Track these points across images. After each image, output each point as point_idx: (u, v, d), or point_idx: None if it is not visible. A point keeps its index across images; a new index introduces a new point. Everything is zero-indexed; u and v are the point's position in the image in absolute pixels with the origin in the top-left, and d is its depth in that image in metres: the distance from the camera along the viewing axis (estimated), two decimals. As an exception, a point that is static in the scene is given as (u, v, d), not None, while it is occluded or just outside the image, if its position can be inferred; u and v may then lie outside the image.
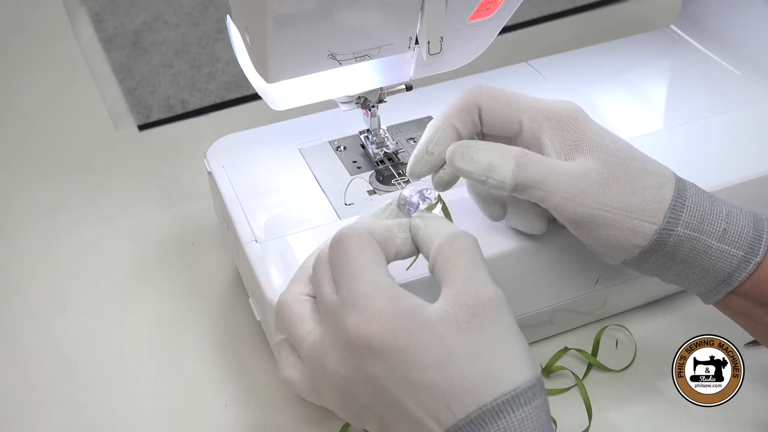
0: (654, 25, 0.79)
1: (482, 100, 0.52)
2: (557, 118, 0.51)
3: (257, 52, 0.52)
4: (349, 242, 0.45)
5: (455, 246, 0.45)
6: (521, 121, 0.52)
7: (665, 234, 0.49)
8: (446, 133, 0.52)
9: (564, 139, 0.51)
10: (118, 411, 0.60)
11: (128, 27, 1.00)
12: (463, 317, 0.42)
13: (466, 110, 0.52)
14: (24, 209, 0.78)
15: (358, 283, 0.43)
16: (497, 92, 0.52)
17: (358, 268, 0.44)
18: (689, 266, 0.50)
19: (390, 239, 0.47)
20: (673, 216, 0.49)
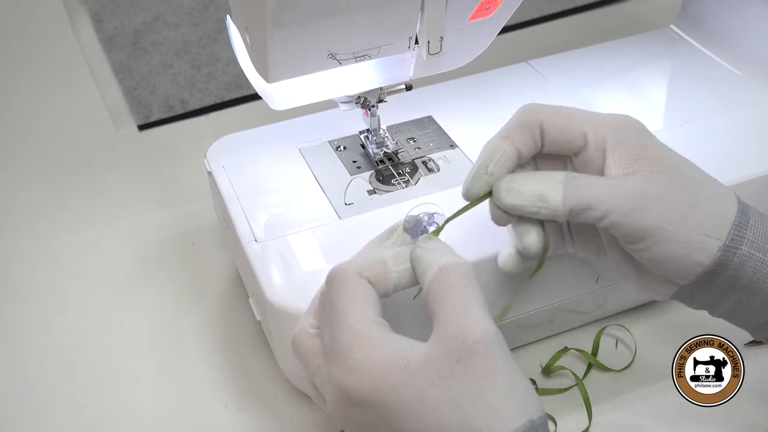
0: (654, 25, 0.79)
1: (544, 117, 0.49)
2: (619, 131, 0.49)
3: (257, 52, 0.52)
4: (335, 285, 0.44)
5: (444, 281, 0.43)
6: (585, 135, 0.49)
7: (729, 252, 0.46)
8: (507, 154, 0.48)
9: (625, 153, 0.48)
10: (118, 411, 0.60)
11: (128, 27, 1.00)
12: (445, 364, 0.41)
13: (527, 128, 0.49)
14: (24, 209, 0.78)
15: (340, 332, 0.43)
16: (556, 108, 0.50)
17: (342, 313, 0.43)
18: (750, 293, 0.47)
19: (384, 275, 0.45)
20: (738, 234, 0.46)
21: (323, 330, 0.45)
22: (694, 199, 0.47)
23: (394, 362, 0.41)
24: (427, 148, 0.64)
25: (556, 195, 0.47)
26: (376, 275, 0.45)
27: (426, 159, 0.63)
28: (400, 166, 0.63)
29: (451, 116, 0.67)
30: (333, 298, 0.44)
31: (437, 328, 0.42)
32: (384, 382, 0.41)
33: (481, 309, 0.42)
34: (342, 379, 0.42)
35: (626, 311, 0.64)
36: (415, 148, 0.64)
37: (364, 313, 0.43)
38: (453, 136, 0.65)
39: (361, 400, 0.42)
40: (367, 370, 0.41)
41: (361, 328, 0.42)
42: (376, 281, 0.45)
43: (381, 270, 0.45)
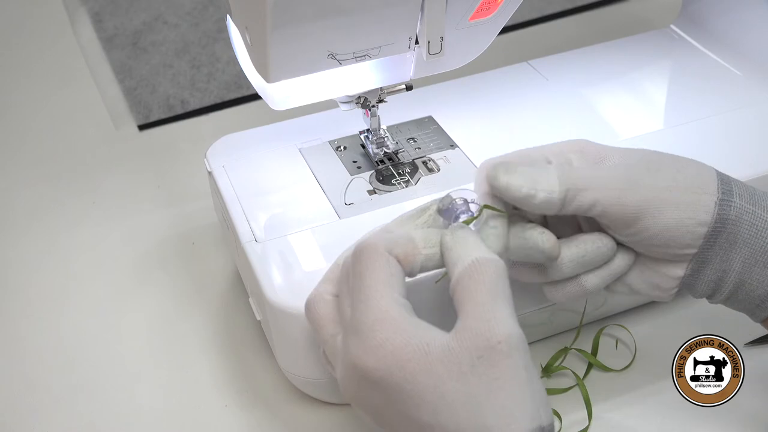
0: (654, 25, 0.79)
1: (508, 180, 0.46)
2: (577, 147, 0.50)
3: (257, 52, 0.52)
4: (363, 259, 0.43)
5: (475, 276, 0.42)
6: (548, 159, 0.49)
7: (725, 205, 0.47)
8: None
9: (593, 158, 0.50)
10: (118, 411, 0.60)
11: (128, 27, 1.00)
12: (467, 359, 0.40)
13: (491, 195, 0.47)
14: (24, 209, 0.78)
15: (364, 308, 0.42)
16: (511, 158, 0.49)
17: (367, 290, 0.42)
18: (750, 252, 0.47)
19: (413, 255, 0.45)
20: (726, 188, 0.47)
21: (343, 301, 0.44)
22: (677, 165, 0.48)
23: (415, 348, 0.41)
24: (427, 148, 0.64)
25: (552, 177, 0.46)
26: (405, 254, 0.44)
27: (426, 159, 0.63)
28: (400, 166, 0.63)
29: (451, 116, 0.67)
30: (360, 273, 0.43)
31: (463, 322, 0.41)
32: (403, 366, 0.40)
33: (509, 310, 0.42)
34: (360, 356, 0.41)
35: (626, 311, 0.63)
36: (415, 148, 0.64)
37: (391, 292, 0.42)
38: (453, 136, 0.65)
39: (377, 381, 0.41)
40: (389, 352, 0.41)
41: (387, 308, 0.42)
42: (404, 260, 0.44)
43: (410, 249, 0.45)
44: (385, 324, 0.41)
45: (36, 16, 1.05)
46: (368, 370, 0.41)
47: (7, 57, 0.99)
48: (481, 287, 0.42)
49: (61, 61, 0.97)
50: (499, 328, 0.41)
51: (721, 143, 0.63)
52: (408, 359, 0.40)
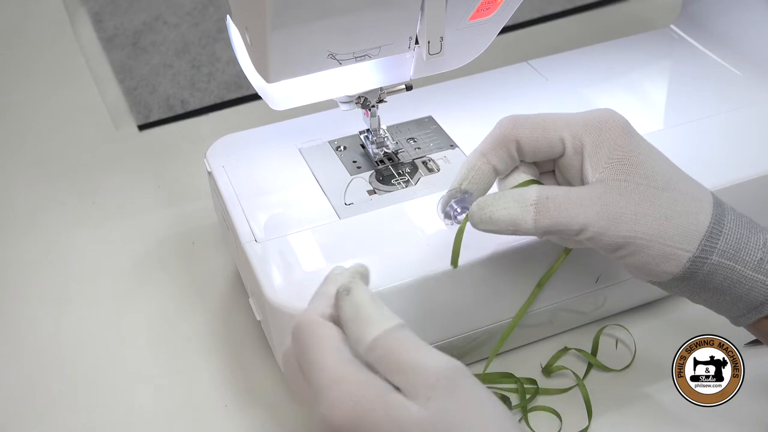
0: (654, 25, 0.79)
1: (519, 132, 0.50)
2: (597, 132, 0.49)
3: (257, 52, 0.52)
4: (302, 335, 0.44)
5: (382, 352, 0.42)
6: (563, 140, 0.50)
7: (699, 262, 0.47)
8: (482, 171, 0.50)
9: (602, 156, 0.49)
10: (118, 411, 0.60)
11: (128, 27, 1.00)
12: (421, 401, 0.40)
13: (502, 145, 0.50)
14: (24, 209, 0.78)
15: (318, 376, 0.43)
16: (531, 119, 0.50)
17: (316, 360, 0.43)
18: (720, 293, 0.49)
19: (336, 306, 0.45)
20: (709, 244, 0.47)
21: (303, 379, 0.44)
22: (668, 212, 0.47)
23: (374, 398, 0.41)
24: (427, 148, 0.64)
25: (527, 218, 0.47)
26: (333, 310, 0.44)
27: (426, 159, 0.63)
28: (400, 166, 0.63)
29: (451, 116, 0.67)
30: (304, 348, 0.44)
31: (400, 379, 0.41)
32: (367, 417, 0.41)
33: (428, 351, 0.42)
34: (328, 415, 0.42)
35: (626, 311, 0.64)
36: (415, 148, 0.64)
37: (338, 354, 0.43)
38: (453, 136, 0.65)
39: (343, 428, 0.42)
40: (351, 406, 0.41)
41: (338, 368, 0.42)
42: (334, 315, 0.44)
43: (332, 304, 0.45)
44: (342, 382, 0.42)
45: (36, 16, 1.05)
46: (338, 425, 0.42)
47: (7, 57, 0.99)
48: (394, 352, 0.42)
49: (61, 61, 0.97)
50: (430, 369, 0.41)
51: (721, 143, 0.63)
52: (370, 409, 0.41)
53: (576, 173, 0.50)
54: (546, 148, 0.50)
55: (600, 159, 0.48)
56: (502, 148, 0.50)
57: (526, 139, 0.50)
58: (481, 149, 0.51)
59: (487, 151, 0.50)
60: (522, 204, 0.48)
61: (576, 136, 0.49)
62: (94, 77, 0.94)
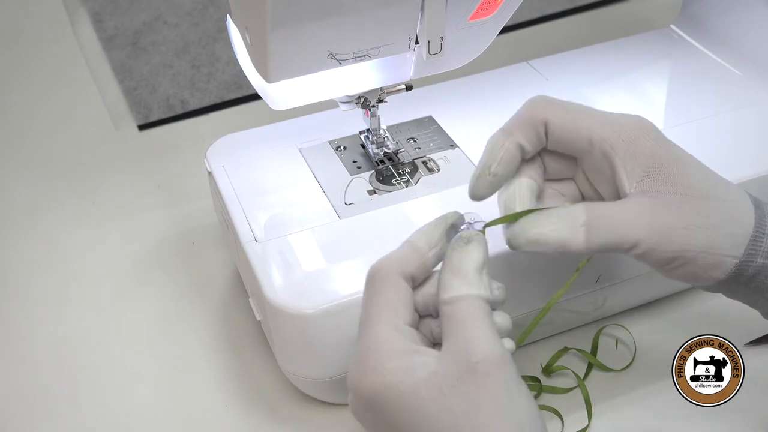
0: (654, 25, 0.79)
1: (549, 114, 0.48)
2: (629, 139, 0.47)
3: (257, 52, 0.52)
4: (373, 285, 0.44)
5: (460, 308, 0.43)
6: (591, 140, 0.47)
7: (744, 266, 0.47)
8: (510, 152, 0.47)
9: (638, 166, 0.47)
10: (118, 411, 0.60)
11: (128, 27, 1.00)
12: (448, 381, 0.41)
13: (531, 125, 0.48)
14: (24, 209, 0.78)
15: (363, 334, 0.43)
16: (565, 105, 0.48)
17: (370, 317, 0.44)
18: (761, 292, 0.48)
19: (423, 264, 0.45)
20: (754, 248, 0.47)
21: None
22: (715, 221, 0.46)
23: (403, 372, 0.42)
24: (427, 148, 0.64)
25: (578, 239, 0.45)
26: (417, 266, 0.45)
27: (426, 159, 0.63)
28: (400, 166, 0.63)
29: (451, 116, 0.67)
30: (368, 299, 0.44)
31: (446, 344, 0.42)
32: (391, 390, 0.41)
33: (490, 330, 0.42)
34: (356, 378, 0.43)
35: (626, 311, 0.63)
36: (415, 148, 0.64)
37: (392, 319, 0.43)
38: (453, 136, 0.65)
39: (369, 402, 0.42)
40: (379, 376, 0.42)
41: (382, 335, 0.43)
42: (417, 272, 0.45)
43: (419, 260, 0.45)
44: (378, 350, 0.42)
45: (36, 16, 1.05)
46: (361, 391, 0.42)
47: (7, 57, 0.99)
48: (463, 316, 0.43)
49: (61, 61, 0.97)
50: (478, 348, 0.41)
51: (721, 143, 0.63)
52: (396, 383, 0.41)
53: (604, 179, 0.48)
54: (572, 140, 0.48)
55: (636, 168, 0.47)
56: (531, 127, 0.48)
57: (555, 123, 0.47)
58: (507, 128, 0.48)
59: (514, 129, 0.48)
60: (571, 224, 0.45)
61: (605, 140, 0.47)
62: (94, 77, 0.94)
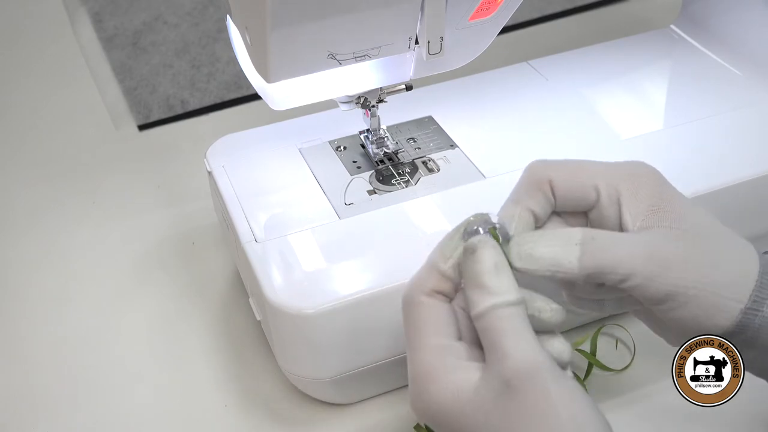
0: (654, 25, 0.79)
1: (551, 173, 0.47)
2: (633, 180, 0.47)
3: (257, 52, 0.52)
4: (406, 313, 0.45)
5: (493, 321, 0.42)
6: (597, 187, 0.47)
7: (750, 315, 0.45)
8: (523, 220, 0.46)
9: (642, 205, 0.46)
10: (118, 411, 0.60)
11: (128, 27, 1.00)
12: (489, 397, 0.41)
13: (536, 187, 0.47)
14: (24, 209, 0.78)
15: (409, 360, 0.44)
16: (562, 162, 0.48)
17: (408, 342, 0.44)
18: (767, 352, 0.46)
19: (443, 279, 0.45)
20: (761, 294, 0.45)
21: None
22: (716, 260, 0.45)
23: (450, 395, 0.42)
24: (427, 148, 0.64)
25: (572, 258, 0.44)
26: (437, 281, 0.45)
27: (426, 159, 0.63)
28: (400, 166, 0.63)
29: (451, 116, 0.67)
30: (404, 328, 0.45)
31: (486, 360, 0.42)
32: (440, 413, 0.43)
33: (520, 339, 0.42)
34: (412, 404, 0.44)
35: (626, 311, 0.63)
36: (415, 148, 0.64)
37: (433, 338, 0.44)
38: (453, 136, 0.65)
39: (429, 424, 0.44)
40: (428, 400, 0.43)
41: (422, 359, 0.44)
42: (441, 286, 0.45)
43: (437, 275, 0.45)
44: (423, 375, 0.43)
45: (36, 16, 1.05)
46: (418, 416, 0.44)
47: (7, 57, 0.99)
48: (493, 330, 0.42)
49: (61, 61, 0.97)
50: (510, 361, 0.41)
51: (721, 143, 0.63)
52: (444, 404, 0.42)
53: (611, 224, 0.47)
54: (578, 195, 0.47)
55: (639, 207, 0.46)
56: (537, 190, 0.47)
57: (559, 180, 0.47)
58: (513, 198, 0.47)
59: (520, 197, 0.47)
60: (566, 242, 0.44)
61: (611, 185, 0.47)
62: (94, 77, 0.94)
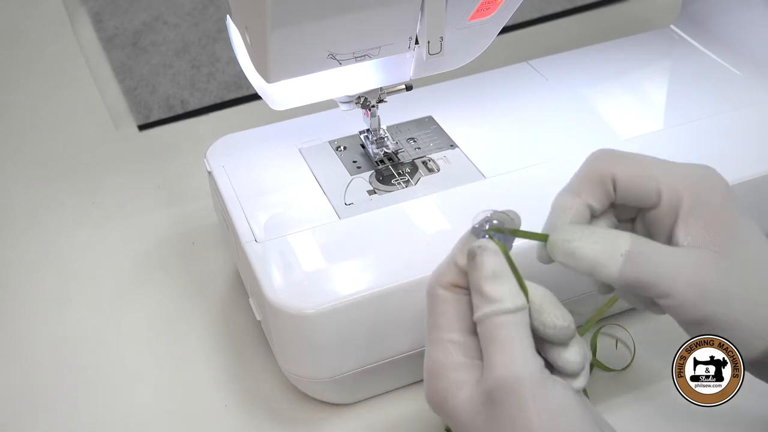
0: (654, 25, 0.79)
1: (616, 169, 0.45)
2: (697, 192, 0.45)
3: (257, 52, 0.52)
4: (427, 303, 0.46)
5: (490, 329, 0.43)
6: (660, 192, 0.45)
7: None
8: (579, 213, 0.45)
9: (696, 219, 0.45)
10: (118, 411, 0.60)
11: (128, 27, 1.00)
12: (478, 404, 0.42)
13: (599, 181, 0.45)
14: (24, 209, 0.78)
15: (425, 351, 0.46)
16: (629, 156, 0.46)
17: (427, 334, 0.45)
18: None
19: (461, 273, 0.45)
20: None
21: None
22: (757, 299, 0.44)
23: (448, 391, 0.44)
24: (427, 148, 0.64)
25: (613, 267, 0.43)
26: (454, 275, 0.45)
27: (426, 159, 0.63)
28: (400, 166, 0.63)
29: (451, 116, 0.67)
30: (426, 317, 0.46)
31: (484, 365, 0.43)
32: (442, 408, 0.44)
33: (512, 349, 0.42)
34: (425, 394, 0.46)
35: (626, 311, 0.63)
36: (415, 148, 0.64)
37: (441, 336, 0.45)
38: (453, 136, 0.65)
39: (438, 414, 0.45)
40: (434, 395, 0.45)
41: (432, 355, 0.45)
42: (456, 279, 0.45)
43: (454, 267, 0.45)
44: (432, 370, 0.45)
45: (36, 16, 1.05)
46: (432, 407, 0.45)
47: (7, 57, 0.99)
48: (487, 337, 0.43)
49: (61, 61, 0.97)
50: (493, 373, 0.42)
51: (721, 143, 0.63)
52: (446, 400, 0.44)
53: (663, 230, 0.46)
54: (641, 194, 0.45)
55: (696, 222, 0.45)
56: (598, 184, 0.45)
57: (623, 177, 0.45)
58: (572, 188, 0.46)
59: (580, 189, 0.45)
60: (612, 250, 0.43)
61: (674, 191, 0.45)
62: (94, 77, 0.94)
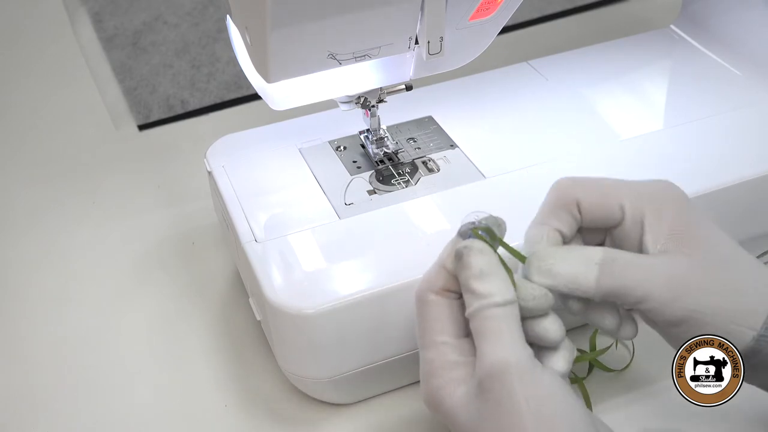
0: (654, 25, 0.79)
1: (578, 192, 0.48)
2: (658, 203, 0.47)
3: (257, 52, 0.52)
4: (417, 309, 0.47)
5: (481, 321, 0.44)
6: (623, 207, 0.47)
7: (763, 342, 0.45)
8: (551, 240, 0.47)
9: (664, 228, 0.47)
10: (118, 411, 0.60)
11: (128, 27, 1.00)
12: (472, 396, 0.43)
13: (564, 208, 0.48)
14: (24, 209, 0.78)
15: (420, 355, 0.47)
16: (589, 180, 0.48)
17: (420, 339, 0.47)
18: None
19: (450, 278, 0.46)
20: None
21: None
22: (735, 287, 0.46)
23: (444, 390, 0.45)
24: (427, 148, 0.64)
25: (590, 277, 0.45)
26: (445, 280, 0.46)
27: (426, 159, 0.63)
28: (400, 166, 0.63)
29: (451, 116, 0.67)
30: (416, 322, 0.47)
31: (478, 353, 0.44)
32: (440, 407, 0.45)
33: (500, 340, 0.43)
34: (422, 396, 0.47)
35: (626, 311, 0.63)
36: (415, 148, 0.64)
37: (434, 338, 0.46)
38: (453, 136, 0.65)
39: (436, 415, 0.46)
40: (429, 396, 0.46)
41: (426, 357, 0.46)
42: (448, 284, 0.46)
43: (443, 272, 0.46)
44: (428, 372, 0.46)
45: (36, 16, 1.05)
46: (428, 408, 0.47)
47: (7, 57, 0.99)
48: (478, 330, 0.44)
49: (61, 61, 0.97)
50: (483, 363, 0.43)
51: (721, 143, 0.63)
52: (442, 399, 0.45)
53: (632, 245, 0.48)
54: (605, 212, 0.48)
55: (661, 230, 0.47)
56: (564, 210, 0.48)
57: (586, 201, 0.48)
58: (540, 219, 0.48)
59: (549, 217, 0.48)
60: (586, 261, 0.45)
61: (636, 206, 0.47)
62: (94, 77, 0.94)
